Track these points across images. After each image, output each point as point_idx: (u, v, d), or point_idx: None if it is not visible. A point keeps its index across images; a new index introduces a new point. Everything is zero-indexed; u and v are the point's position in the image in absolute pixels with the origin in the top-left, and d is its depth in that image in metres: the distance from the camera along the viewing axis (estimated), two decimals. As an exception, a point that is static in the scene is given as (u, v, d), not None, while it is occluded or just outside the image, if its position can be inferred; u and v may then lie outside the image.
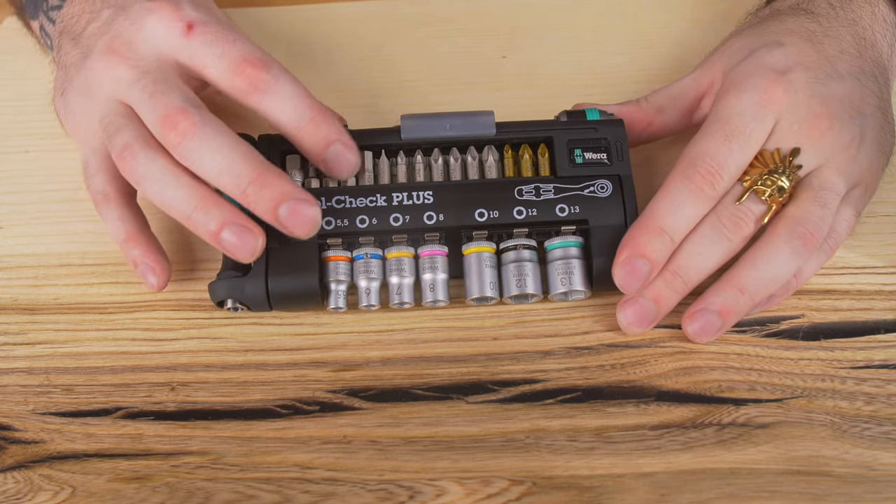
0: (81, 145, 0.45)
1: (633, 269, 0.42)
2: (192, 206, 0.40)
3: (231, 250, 0.40)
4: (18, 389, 0.43)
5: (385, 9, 0.60)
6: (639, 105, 0.48)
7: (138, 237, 0.44)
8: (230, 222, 0.39)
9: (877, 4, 0.47)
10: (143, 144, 0.40)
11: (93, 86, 0.43)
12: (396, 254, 0.44)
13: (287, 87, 0.41)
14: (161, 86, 0.41)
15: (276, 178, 0.39)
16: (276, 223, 0.40)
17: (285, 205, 0.39)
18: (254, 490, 0.39)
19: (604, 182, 0.45)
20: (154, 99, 0.40)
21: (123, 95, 0.42)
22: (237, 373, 0.43)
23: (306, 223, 0.39)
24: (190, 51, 0.42)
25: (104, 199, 0.44)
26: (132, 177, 0.41)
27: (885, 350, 0.43)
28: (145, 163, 0.40)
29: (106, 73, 0.42)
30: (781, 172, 0.42)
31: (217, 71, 0.41)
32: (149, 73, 0.41)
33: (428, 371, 0.43)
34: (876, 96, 0.45)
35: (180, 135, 0.39)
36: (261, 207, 0.39)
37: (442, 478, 0.40)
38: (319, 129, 0.42)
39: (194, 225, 0.40)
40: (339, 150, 0.42)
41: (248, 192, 0.39)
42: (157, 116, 0.40)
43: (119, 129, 0.41)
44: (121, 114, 0.42)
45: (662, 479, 0.39)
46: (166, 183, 0.40)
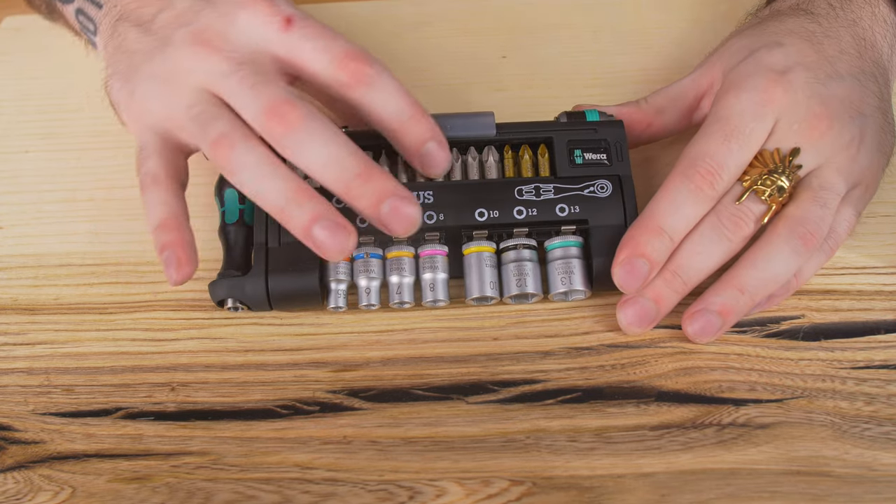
0: (141, 130, 0.44)
1: (633, 268, 0.42)
2: (286, 198, 0.39)
3: (321, 246, 0.39)
4: (18, 389, 0.43)
5: (385, 9, 0.60)
6: (638, 106, 0.48)
7: (175, 224, 0.42)
8: (324, 217, 0.39)
9: (877, 5, 0.47)
10: (241, 134, 0.40)
11: (176, 74, 0.42)
12: (396, 253, 0.44)
13: (390, 82, 0.41)
14: (261, 77, 0.40)
15: (380, 174, 0.39)
16: (376, 219, 0.39)
17: (388, 201, 0.39)
18: (254, 490, 0.39)
19: (604, 182, 0.45)
20: (256, 90, 0.40)
21: (215, 86, 0.41)
22: (237, 373, 0.43)
23: (406, 221, 0.39)
24: (289, 45, 0.41)
25: (153, 181, 0.42)
26: (228, 165, 0.40)
27: (886, 350, 0.43)
28: (244, 152, 0.39)
29: (196, 63, 0.41)
30: (781, 172, 0.42)
31: (319, 65, 0.41)
32: (245, 64, 0.41)
33: (428, 371, 0.43)
34: (876, 96, 0.45)
35: (288, 126, 0.39)
36: (363, 202, 0.39)
37: (442, 478, 0.40)
38: (419, 125, 0.42)
39: (287, 217, 0.39)
40: (434, 148, 0.43)
41: (352, 185, 0.39)
42: (261, 107, 0.40)
43: (214, 118, 0.40)
44: (213, 104, 0.41)
45: (662, 479, 0.39)
46: (263, 173, 0.39)
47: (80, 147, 0.53)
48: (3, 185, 0.51)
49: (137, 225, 0.49)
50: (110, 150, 0.52)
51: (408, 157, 0.44)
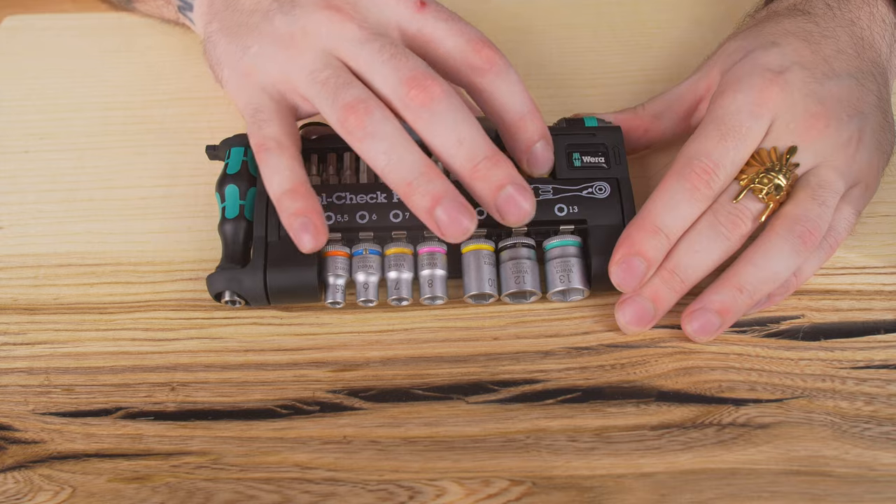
0: (253, 90, 0.43)
1: (630, 267, 0.42)
2: (417, 172, 0.39)
3: (442, 226, 0.39)
4: (18, 389, 0.43)
5: (385, 9, 0.60)
6: (635, 112, 0.49)
7: (305, 190, 0.41)
8: (449, 197, 0.39)
9: (875, 5, 0.47)
10: (378, 102, 0.40)
11: (304, 36, 0.42)
12: (395, 250, 0.44)
13: (515, 76, 0.42)
14: (399, 49, 0.41)
15: (507, 161, 0.40)
16: (493, 203, 0.40)
17: (508, 187, 0.39)
18: (254, 490, 0.39)
19: (602, 184, 0.45)
20: (395, 59, 0.40)
21: (347, 53, 0.41)
22: (237, 373, 0.43)
23: (520, 211, 0.40)
24: (422, 23, 0.42)
25: (277, 146, 0.42)
26: (360, 131, 0.40)
27: (885, 350, 0.43)
28: (381, 120, 0.39)
29: (328, 26, 0.41)
30: (778, 171, 0.43)
31: (453, 45, 0.42)
32: (381, 35, 0.41)
33: (428, 371, 0.43)
34: (874, 95, 0.45)
35: (429, 97, 0.39)
36: (486, 185, 0.40)
37: (442, 478, 0.40)
38: (534, 123, 0.43)
39: (413, 191, 0.39)
40: (543, 147, 0.43)
41: (480, 166, 0.40)
42: (402, 77, 0.40)
43: (347, 83, 0.40)
44: (343, 70, 0.41)
45: (662, 479, 0.39)
46: (396, 144, 0.39)
47: (80, 147, 0.53)
48: (3, 185, 0.51)
49: (137, 225, 0.49)
50: (110, 150, 0.53)
51: (516, 153, 0.44)
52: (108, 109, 0.54)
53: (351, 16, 0.42)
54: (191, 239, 0.48)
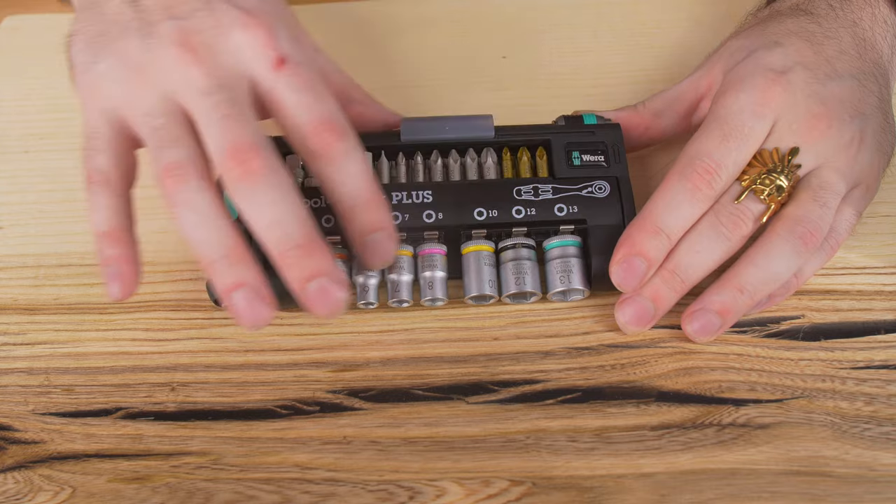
0: (92, 111, 0.41)
1: (630, 267, 0.42)
2: (219, 253, 0.37)
3: (236, 312, 0.37)
4: (18, 389, 0.43)
5: (385, 9, 0.60)
6: (636, 110, 0.48)
7: (122, 237, 0.39)
8: (249, 285, 0.37)
9: (877, 6, 0.47)
10: (196, 171, 0.38)
11: (148, 70, 0.39)
12: None
13: (353, 163, 0.39)
14: (236, 110, 0.38)
15: (321, 251, 0.37)
16: (301, 293, 0.37)
17: (318, 280, 0.37)
18: (254, 490, 0.39)
19: (602, 183, 0.45)
20: (228, 122, 0.38)
21: (187, 100, 0.39)
22: (237, 373, 0.43)
23: (330, 305, 0.37)
24: (273, 86, 0.39)
25: (104, 181, 0.40)
26: (172, 198, 0.38)
27: (886, 350, 0.43)
28: (193, 191, 0.37)
29: (173, 67, 0.39)
30: (780, 172, 0.42)
31: (295, 120, 0.39)
32: (225, 88, 0.38)
33: (428, 371, 0.43)
34: (876, 97, 0.45)
35: (246, 172, 0.37)
36: (294, 273, 0.37)
37: (442, 478, 0.40)
38: (370, 214, 0.40)
39: (213, 272, 0.38)
40: (379, 238, 0.40)
41: (290, 254, 0.37)
42: (227, 144, 0.37)
43: (174, 141, 0.38)
44: (178, 122, 0.39)
45: (662, 479, 0.39)
46: (206, 218, 0.37)
47: (79, 147, 0.53)
48: (3, 185, 0.51)
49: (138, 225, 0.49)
50: (110, 151, 0.52)
51: (352, 243, 0.41)
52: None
53: (202, 60, 0.39)
54: (191, 239, 0.48)
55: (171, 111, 0.39)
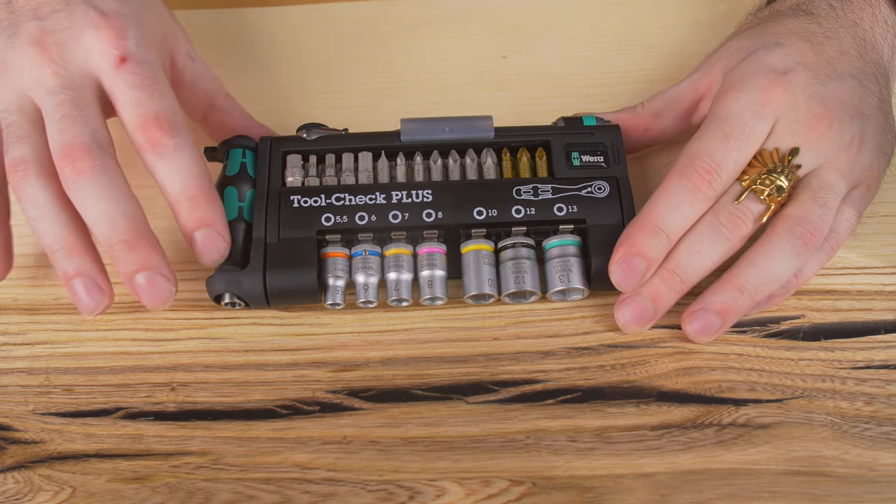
0: None
1: (630, 266, 0.42)
2: (58, 245, 0.41)
3: (77, 300, 0.41)
4: (18, 389, 0.43)
5: (385, 9, 0.60)
6: (635, 111, 0.49)
7: None
8: (85, 275, 0.41)
9: (877, 6, 0.47)
10: (38, 168, 0.41)
11: (8, 67, 0.42)
12: (395, 250, 0.44)
13: (183, 158, 0.41)
14: (77, 111, 0.41)
15: (147, 246, 0.40)
16: (129, 286, 0.40)
17: (144, 273, 0.40)
18: (254, 490, 0.39)
19: (601, 183, 0.45)
20: (65, 122, 0.40)
21: (37, 98, 0.42)
22: (237, 373, 0.43)
23: (158, 296, 0.40)
24: (113, 83, 0.42)
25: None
26: (17, 192, 0.41)
27: (885, 350, 0.43)
28: (34, 187, 0.41)
29: (28, 65, 0.42)
30: (780, 172, 0.42)
31: (127, 116, 0.41)
32: (70, 88, 0.41)
33: (428, 371, 0.43)
34: (876, 97, 0.45)
35: (76, 172, 0.40)
36: (121, 268, 0.40)
37: (442, 478, 0.40)
38: (197, 210, 0.41)
39: (55, 261, 0.41)
40: (209, 235, 0.41)
41: (115, 248, 0.40)
42: (62, 143, 0.40)
43: (21, 139, 0.41)
44: (27, 118, 0.41)
45: (662, 479, 0.39)
46: (45, 213, 0.41)
47: None
48: (3, 185, 0.51)
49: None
50: (110, 150, 0.52)
51: (185, 239, 0.42)
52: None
53: (52, 59, 0.41)
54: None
55: (23, 108, 0.42)
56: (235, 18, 0.59)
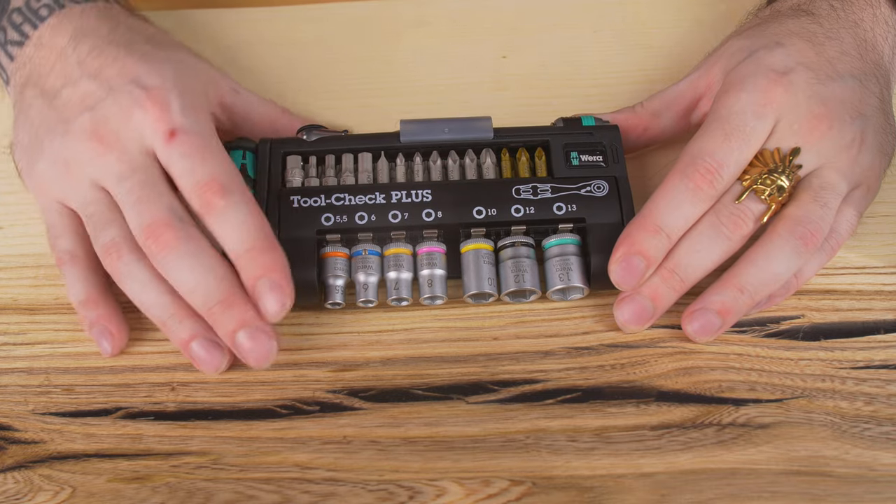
0: (45, 208, 0.46)
1: (630, 265, 0.42)
2: (168, 314, 0.42)
3: (198, 362, 0.42)
4: (18, 389, 0.43)
5: (385, 9, 0.60)
6: (634, 111, 0.49)
7: (99, 300, 0.44)
8: (200, 336, 0.41)
9: (878, 6, 0.47)
10: (129, 247, 0.42)
11: (73, 164, 0.43)
12: (394, 250, 0.44)
13: (237, 215, 0.41)
14: (148, 191, 0.42)
15: (243, 302, 0.40)
16: (232, 346, 0.41)
17: (244, 331, 0.40)
18: (254, 490, 0.39)
19: (600, 182, 0.45)
20: (140, 205, 0.41)
21: (109, 186, 0.43)
22: (237, 373, 0.43)
23: (261, 353, 0.40)
24: (167, 158, 0.42)
25: (71, 258, 0.44)
26: (115, 274, 0.42)
27: (885, 350, 0.43)
28: (129, 264, 0.42)
29: (92, 159, 0.43)
30: (781, 172, 0.42)
31: (183, 183, 0.42)
32: (137, 171, 0.42)
33: (428, 371, 0.43)
34: (877, 97, 0.45)
35: (161, 247, 0.41)
36: (222, 329, 0.41)
37: (442, 478, 0.40)
38: (255, 261, 0.41)
39: (168, 330, 0.42)
40: (265, 286, 0.40)
41: (214, 311, 0.40)
42: (142, 224, 0.41)
43: (106, 224, 0.42)
44: (107, 206, 0.43)
45: (662, 479, 0.39)
46: (146, 287, 0.42)
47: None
48: (3, 185, 0.51)
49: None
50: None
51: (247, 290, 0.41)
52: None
53: (112, 147, 0.43)
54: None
55: (98, 198, 0.43)
56: (235, 18, 0.59)
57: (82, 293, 0.44)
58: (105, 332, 0.43)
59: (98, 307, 0.43)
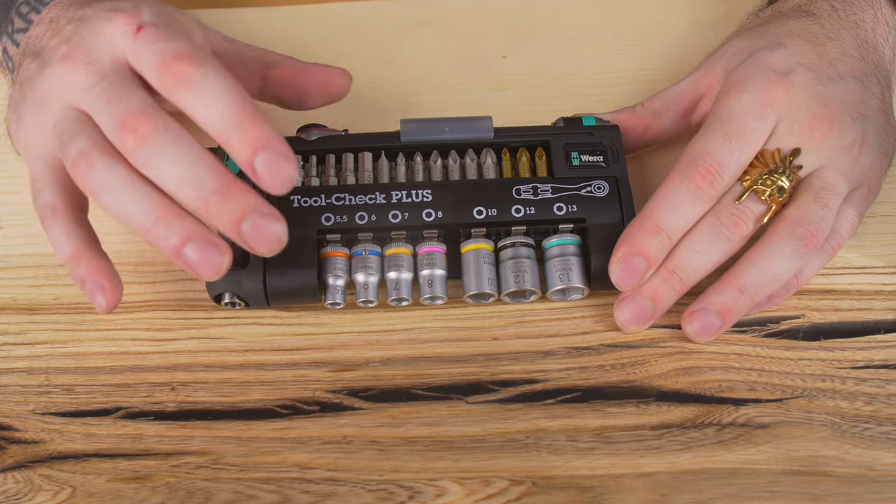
0: (31, 160, 0.43)
1: (630, 266, 0.42)
2: (152, 219, 0.37)
3: (193, 268, 0.37)
4: (18, 389, 0.43)
5: (385, 9, 0.60)
6: (634, 111, 0.49)
7: (86, 254, 0.41)
8: (194, 237, 0.37)
9: (879, 7, 0.47)
10: (101, 151, 0.38)
11: (49, 94, 0.41)
12: (395, 250, 0.44)
13: (216, 84, 0.37)
14: (118, 90, 0.39)
15: (241, 190, 0.37)
16: (237, 238, 0.37)
17: (248, 219, 0.36)
18: (254, 490, 0.39)
19: (601, 182, 0.45)
20: (112, 104, 0.38)
21: (80, 101, 0.40)
22: (237, 373, 0.43)
23: (270, 240, 0.37)
24: (135, 53, 0.39)
25: (52, 212, 0.41)
26: (88, 186, 0.38)
27: (885, 350, 0.43)
28: (103, 171, 0.38)
29: (63, 79, 0.40)
30: (781, 172, 0.42)
31: (149, 69, 0.38)
32: (106, 76, 0.39)
33: (428, 371, 0.43)
34: (878, 98, 0.45)
35: (140, 139, 0.37)
36: (222, 221, 0.37)
37: (442, 478, 0.40)
38: (248, 133, 0.36)
39: (155, 239, 0.37)
40: (269, 159, 0.36)
41: (209, 202, 0.36)
42: (115, 120, 0.38)
43: (74, 135, 0.39)
44: (77, 120, 0.40)
45: (662, 479, 0.39)
46: (125, 192, 0.37)
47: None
48: (3, 185, 0.51)
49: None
50: (110, 150, 0.52)
51: (244, 171, 0.38)
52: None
53: (82, 61, 0.40)
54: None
55: (71, 116, 0.40)
56: (235, 18, 0.59)
57: (68, 248, 0.41)
58: (97, 288, 0.40)
59: (86, 261, 0.40)
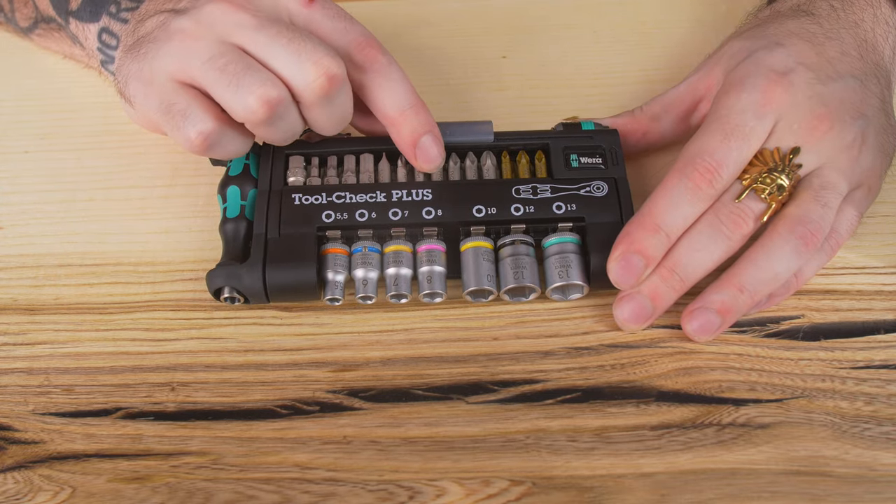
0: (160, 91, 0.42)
1: (628, 264, 0.42)
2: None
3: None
4: (18, 389, 0.43)
5: (385, 9, 0.60)
6: (633, 115, 0.49)
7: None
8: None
9: (878, 7, 0.47)
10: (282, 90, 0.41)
11: (198, 27, 0.41)
12: (394, 247, 0.44)
13: (397, 73, 0.44)
14: (297, 34, 0.41)
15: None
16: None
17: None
18: (254, 490, 0.39)
19: (600, 182, 0.45)
20: (295, 44, 0.41)
21: (243, 38, 0.41)
22: (237, 373, 0.43)
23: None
24: (309, 18, 0.44)
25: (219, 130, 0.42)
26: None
27: (885, 350, 0.43)
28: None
29: (221, 16, 0.41)
30: (781, 171, 0.42)
31: (338, 39, 0.44)
32: (276, 23, 0.42)
33: (428, 371, 0.43)
34: (878, 98, 0.45)
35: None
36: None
37: (442, 478, 0.40)
38: (417, 118, 0.44)
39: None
40: (429, 141, 0.44)
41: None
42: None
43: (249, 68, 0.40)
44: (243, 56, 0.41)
45: (662, 479, 0.39)
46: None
47: (79, 147, 0.53)
48: (3, 185, 0.51)
49: (137, 225, 0.49)
50: (110, 150, 0.52)
51: (404, 150, 0.45)
52: (108, 109, 0.54)
53: (243, 6, 0.42)
54: (191, 239, 0.48)
55: (231, 50, 0.41)
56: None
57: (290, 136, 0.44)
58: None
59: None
